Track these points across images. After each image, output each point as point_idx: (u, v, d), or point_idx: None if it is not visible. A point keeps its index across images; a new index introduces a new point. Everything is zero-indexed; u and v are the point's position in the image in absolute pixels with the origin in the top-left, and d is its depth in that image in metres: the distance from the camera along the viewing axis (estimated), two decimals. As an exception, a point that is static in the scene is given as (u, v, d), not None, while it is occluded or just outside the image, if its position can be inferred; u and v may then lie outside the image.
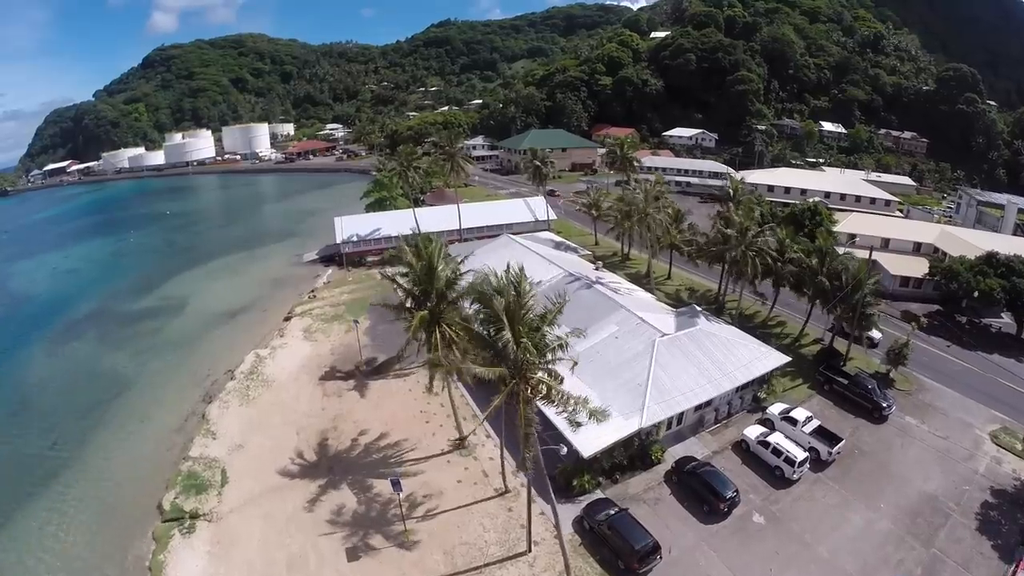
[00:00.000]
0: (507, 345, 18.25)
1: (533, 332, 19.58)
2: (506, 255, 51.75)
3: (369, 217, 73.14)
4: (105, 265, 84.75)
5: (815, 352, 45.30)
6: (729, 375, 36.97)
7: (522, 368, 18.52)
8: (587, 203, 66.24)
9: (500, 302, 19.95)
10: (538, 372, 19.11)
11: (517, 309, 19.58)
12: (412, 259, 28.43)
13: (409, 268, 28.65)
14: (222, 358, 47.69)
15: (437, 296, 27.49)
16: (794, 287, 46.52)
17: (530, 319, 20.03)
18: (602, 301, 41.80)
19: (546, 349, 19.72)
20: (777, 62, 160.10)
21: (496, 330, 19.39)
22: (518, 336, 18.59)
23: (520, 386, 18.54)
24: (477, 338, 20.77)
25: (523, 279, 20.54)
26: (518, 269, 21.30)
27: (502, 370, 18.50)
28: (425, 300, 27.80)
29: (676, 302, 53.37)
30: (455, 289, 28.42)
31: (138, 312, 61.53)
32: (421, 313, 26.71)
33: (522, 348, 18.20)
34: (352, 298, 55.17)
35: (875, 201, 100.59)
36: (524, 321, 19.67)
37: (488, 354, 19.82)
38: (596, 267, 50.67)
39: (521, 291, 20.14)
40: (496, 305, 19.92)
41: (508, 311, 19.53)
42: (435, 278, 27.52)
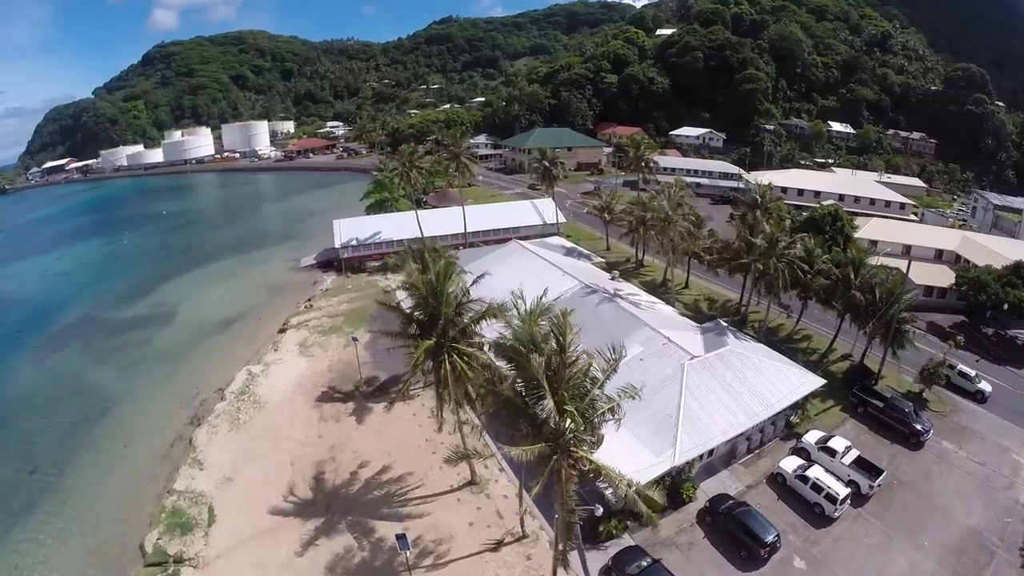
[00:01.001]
0: (549, 416, 14.38)
1: (580, 399, 15.57)
2: (516, 264, 48.23)
3: (369, 220, 69.43)
4: (97, 268, 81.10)
5: (844, 369, 42.08)
6: (764, 402, 33.58)
7: (566, 443, 14.71)
8: (599, 206, 62.54)
9: (539, 361, 15.89)
10: (584, 445, 15.20)
11: (561, 369, 15.63)
12: (417, 279, 24.62)
13: (413, 289, 24.88)
14: (212, 374, 44.17)
15: (445, 322, 23.80)
16: (823, 300, 43.14)
17: (577, 381, 15.99)
18: (624, 318, 38.24)
19: (595, 416, 15.89)
20: (785, 60, 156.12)
21: (533, 395, 15.40)
22: (562, 403, 14.78)
23: (562, 463, 14.76)
24: (510, 406, 16.62)
25: (567, 328, 16.64)
26: (560, 315, 17.27)
27: (541, 447, 14.63)
28: (431, 327, 24.08)
29: (696, 313, 50.16)
30: (466, 313, 24.72)
31: (127, 320, 57.94)
32: (427, 343, 22.99)
33: (566, 418, 14.45)
34: (351, 308, 51.55)
35: (889, 204, 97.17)
36: (569, 385, 15.78)
37: (522, 423, 15.96)
38: (612, 277, 47.15)
39: (565, 344, 16.25)
40: (534, 366, 15.91)
41: (550, 373, 15.64)
42: (444, 302, 23.78)
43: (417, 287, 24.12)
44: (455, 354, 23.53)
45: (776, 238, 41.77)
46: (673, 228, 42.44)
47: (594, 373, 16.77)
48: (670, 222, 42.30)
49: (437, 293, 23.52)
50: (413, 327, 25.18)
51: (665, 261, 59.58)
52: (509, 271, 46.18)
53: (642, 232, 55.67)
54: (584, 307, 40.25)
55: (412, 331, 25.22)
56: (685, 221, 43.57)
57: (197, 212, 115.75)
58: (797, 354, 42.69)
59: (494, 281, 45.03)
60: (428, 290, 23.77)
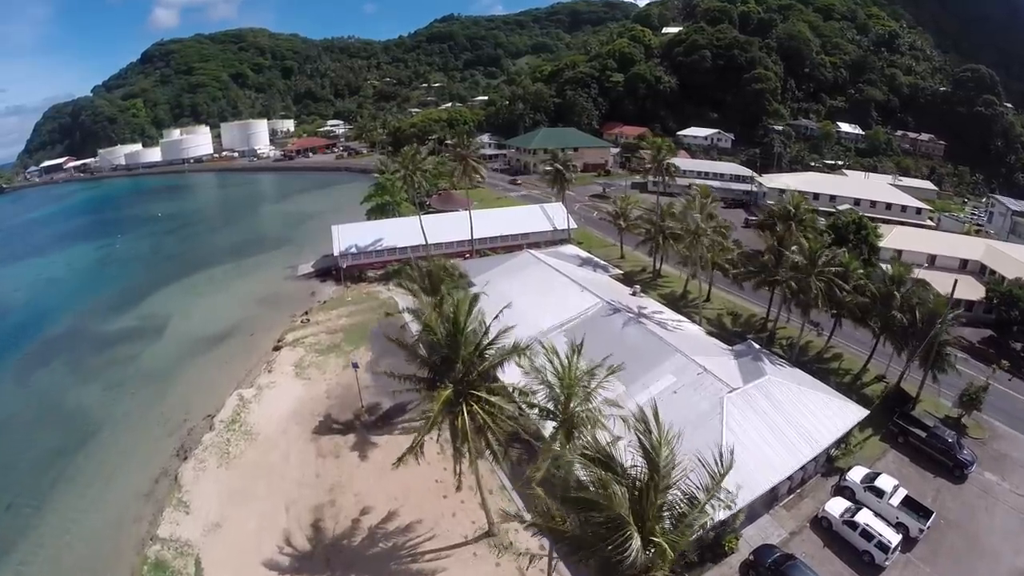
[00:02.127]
0: (632, 555, 10.31)
1: (675, 526, 11.79)
2: (530, 277, 44.41)
3: (370, 226, 65.45)
4: (88, 274, 77.18)
5: (880, 393, 38.62)
6: (808, 439, 30.04)
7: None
8: (613, 212, 58.70)
9: (621, 493, 11.51)
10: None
11: (652, 493, 11.55)
12: (431, 317, 20.66)
13: (427, 330, 20.96)
14: (201, 398, 40.42)
15: (464, 365, 19.98)
16: (858, 319, 39.51)
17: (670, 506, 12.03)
18: (653, 343, 34.50)
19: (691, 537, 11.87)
20: (793, 60, 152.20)
21: (608, 525, 11.00)
22: (650, 535, 10.75)
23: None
24: (576, 540, 12.16)
25: (663, 437, 12.24)
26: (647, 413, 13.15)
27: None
28: (447, 370, 20.24)
29: (719, 330, 46.66)
30: (487, 354, 20.89)
31: (115, 334, 54.08)
32: (444, 394, 19.11)
33: (656, 553, 10.52)
34: (351, 323, 47.67)
35: (905, 209, 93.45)
36: (661, 512, 11.84)
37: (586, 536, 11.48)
38: (634, 292, 43.34)
39: (660, 463, 11.57)
40: (616, 502, 11.35)
41: (636, 502, 11.60)
42: (463, 343, 19.92)
43: (431, 328, 20.21)
44: (474, 402, 19.73)
45: (816, 254, 38.08)
46: (702, 242, 38.67)
47: (693, 489, 12.70)
48: (700, 235, 38.51)
49: (455, 334, 19.66)
50: (425, 371, 21.27)
51: (685, 272, 56.06)
52: (522, 285, 42.50)
53: (661, 241, 52.00)
54: (607, 329, 36.61)
55: (424, 375, 21.32)
56: (716, 234, 39.76)
57: (193, 214, 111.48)
58: (829, 376, 39.33)
59: (507, 296, 41.39)
60: (444, 331, 19.90)
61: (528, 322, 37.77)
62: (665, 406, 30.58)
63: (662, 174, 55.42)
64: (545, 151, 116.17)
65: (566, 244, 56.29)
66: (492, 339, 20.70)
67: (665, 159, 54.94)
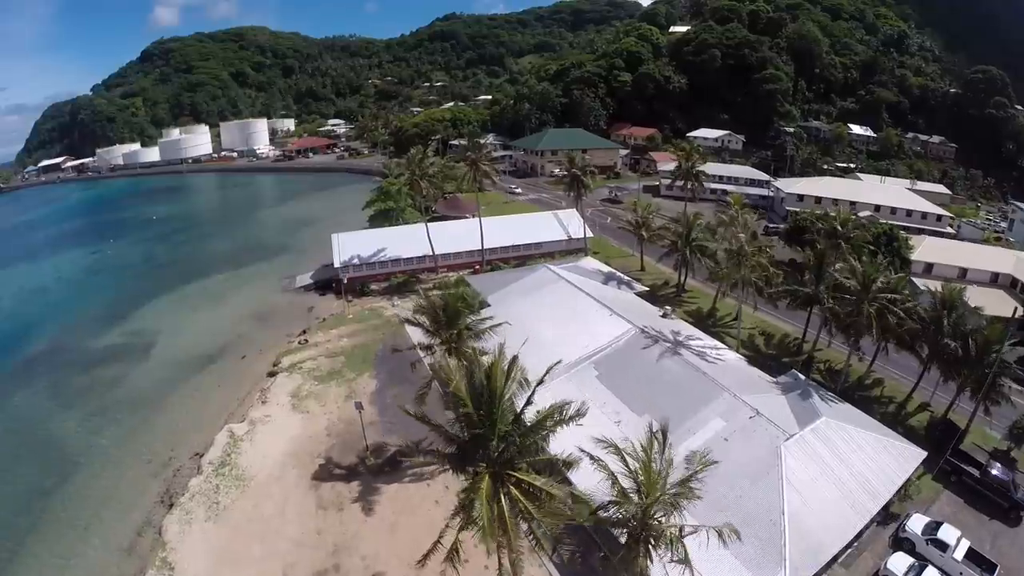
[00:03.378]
0: None
1: None
2: (551, 297, 39.94)
3: (373, 234, 60.91)
4: (76, 284, 72.69)
5: (925, 424, 35.60)
6: (871, 490, 26.48)
7: None
8: (633, 221, 54.35)
9: None
10: None
11: None
12: (458, 384, 16.07)
13: (454, 399, 16.45)
14: (189, 431, 36.20)
15: (500, 441, 15.60)
16: (907, 346, 35.99)
17: None
18: (697, 380, 30.23)
19: None
20: (803, 60, 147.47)
21: None
22: None
23: None
24: None
25: None
26: None
27: None
28: (482, 450, 15.79)
29: (752, 352, 42.63)
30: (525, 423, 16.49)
31: (99, 353, 49.68)
32: (484, 485, 14.52)
33: None
34: (353, 344, 43.22)
35: (926, 216, 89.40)
36: None
37: None
38: (664, 314, 39.02)
39: None
40: None
41: None
42: (498, 416, 15.51)
43: (461, 398, 15.80)
44: (513, 484, 15.40)
45: (871, 278, 33.96)
46: (747, 264, 34.42)
47: None
48: (744, 256, 34.25)
49: (491, 406, 15.32)
50: (452, 447, 16.83)
51: (712, 287, 51.82)
52: (543, 307, 38.16)
53: (688, 255, 47.76)
54: (643, 361, 32.34)
55: (447, 446, 16.93)
56: (759, 254, 35.51)
57: (188, 218, 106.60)
58: (872, 404, 36.27)
59: (526, 320, 37.08)
60: (476, 403, 15.54)
61: (552, 351, 33.32)
62: (716, 456, 26.67)
63: (691, 180, 50.27)
64: (553, 152, 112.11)
65: (585, 257, 51.74)
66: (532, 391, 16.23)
67: (695, 166, 50.24)
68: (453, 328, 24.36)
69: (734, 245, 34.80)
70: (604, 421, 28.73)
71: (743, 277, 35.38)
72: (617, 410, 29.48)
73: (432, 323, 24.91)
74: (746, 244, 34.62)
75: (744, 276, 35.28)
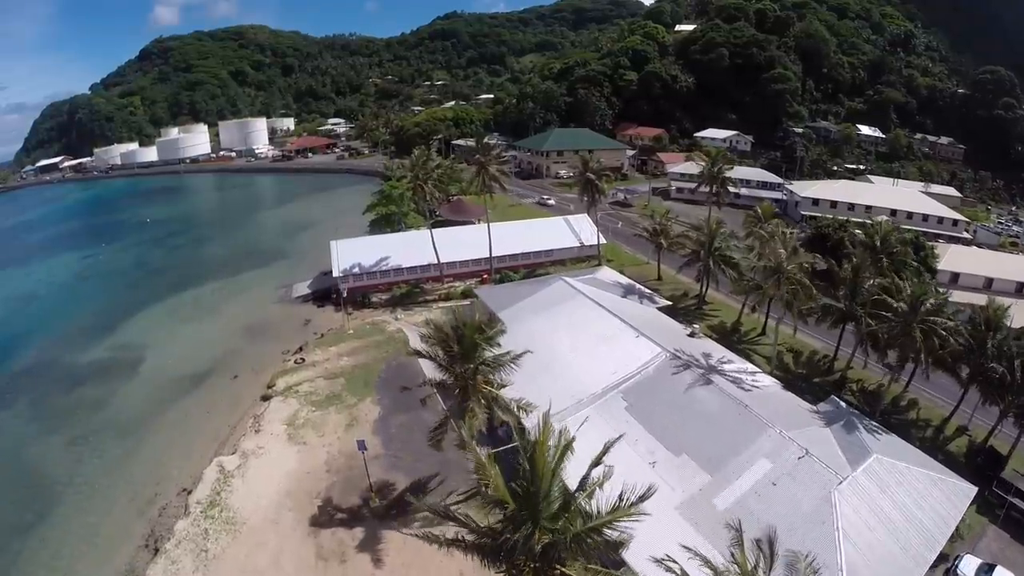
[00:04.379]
0: None
1: None
2: (570, 315, 36.45)
3: (373, 241, 57.33)
4: (65, 291, 69.08)
5: (965, 450, 33.13)
6: (927, 536, 23.54)
7: None
8: (651, 228, 50.97)
9: None
10: None
11: None
12: (497, 483, 12.39)
13: (488, 499, 12.72)
14: (175, 463, 32.85)
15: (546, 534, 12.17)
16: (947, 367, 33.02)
17: None
18: (737, 413, 26.89)
19: None
20: (811, 59, 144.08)
21: None
22: None
23: None
24: None
25: None
26: None
27: None
28: (522, 541, 12.31)
29: (783, 372, 39.62)
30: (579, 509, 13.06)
31: (85, 369, 46.21)
32: None
33: None
34: (354, 363, 39.75)
35: (942, 220, 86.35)
36: None
37: None
38: (691, 332, 35.66)
39: None
40: None
41: None
42: (545, 506, 12.08)
43: (501, 496, 12.17)
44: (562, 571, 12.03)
45: (920, 300, 30.74)
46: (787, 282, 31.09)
47: None
48: (784, 274, 30.92)
49: (535, 496, 11.92)
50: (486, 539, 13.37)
51: (735, 299, 48.51)
52: (562, 327, 34.74)
53: (711, 266, 44.42)
54: (675, 391, 28.98)
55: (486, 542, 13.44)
56: (799, 271, 32.17)
57: (183, 220, 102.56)
58: (909, 429, 33.93)
59: (544, 342, 33.68)
60: (519, 499, 12.12)
61: (574, 378, 30.19)
62: (764, 504, 23.43)
63: (715, 185, 46.45)
64: (559, 153, 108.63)
65: (601, 267, 48.19)
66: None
67: (722, 171, 46.73)
68: (469, 363, 21.00)
69: (774, 262, 31.45)
70: (637, 462, 25.43)
71: (783, 296, 32.01)
72: (651, 449, 26.15)
73: (445, 355, 21.55)
74: (786, 261, 31.27)
75: (784, 295, 31.90)
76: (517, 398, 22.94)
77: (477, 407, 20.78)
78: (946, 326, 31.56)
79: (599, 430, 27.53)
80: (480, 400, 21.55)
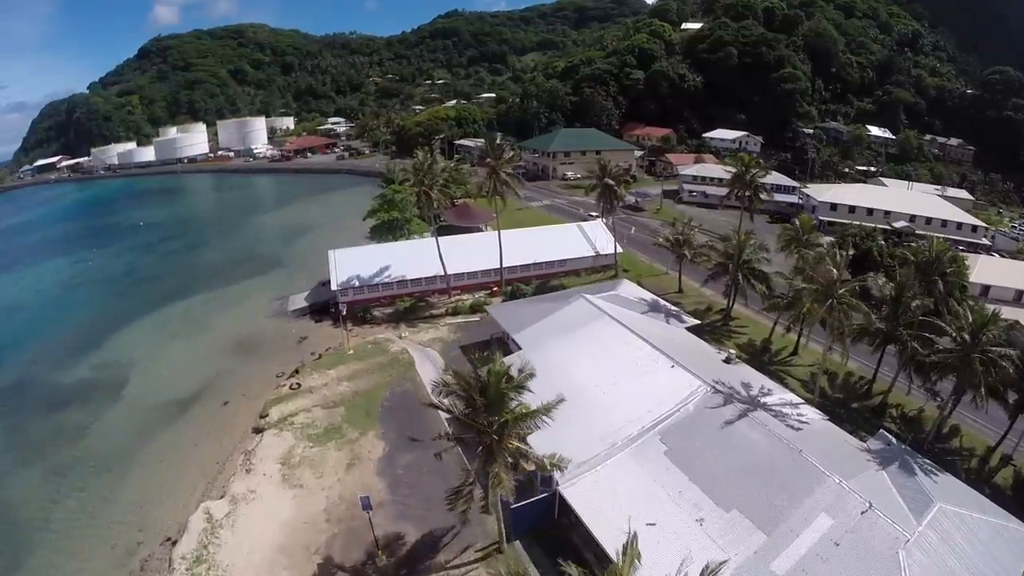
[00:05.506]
0: None
1: None
2: (594, 339, 32.73)
3: (375, 251, 53.54)
4: (52, 301, 65.30)
5: (1011, 482, 30.71)
6: None
7: None
8: (672, 238, 47.39)
9: None
10: None
11: None
12: None
13: None
14: (159, 504, 29.38)
15: None
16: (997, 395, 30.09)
17: None
18: (791, 460, 23.48)
19: None
20: (819, 59, 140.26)
21: None
22: None
23: None
24: None
25: None
26: None
27: None
28: None
29: (820, 397, 36.19)
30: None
31: (67, 390, 42.51)
32: None
33: None
34: (354, 390, 36.04)
35: (961, 226, 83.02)
36: None
37: None
38: (728, 358, 32.13)
39: None
40: None
41: None
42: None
43: None
44: None
45: (982, 329, 27.35)
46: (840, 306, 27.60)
47: None
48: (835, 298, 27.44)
49: None
50: None
51: (763, 314, 45.04)
52: (587, 354, 31.14)
53: (741, 280, 40.91)
54: (719, 431, 25.54)
55: None
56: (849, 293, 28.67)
57: (177, 224, 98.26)
58: (952, 459, 31.45)
59: (567, 373, 30.09)
60: None
61: (604, 417, 26.62)
62: (827, 568, 20.07)
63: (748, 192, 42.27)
64: (566, 154, 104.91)
65: (622, 281, 44.38)
66: None
67: (756, 179, 42.83)
68: (495, 415, 17.47)
69: (824, 284, 27.92)
70: (683, 519, 21.98)
71: (835, 323, 28.48)
72: (696, 502, 22.66)
73: (466, 407, 18.01)
74: (839, 286, 27.79)
75: (836, 321, 28.37)
76: (548, 454, 19.40)
77: (504, 471, 17.30)
78: (1007, 355, 28.35)
79: (637, 478, 24.09)
80: (507, 459, 18.07)
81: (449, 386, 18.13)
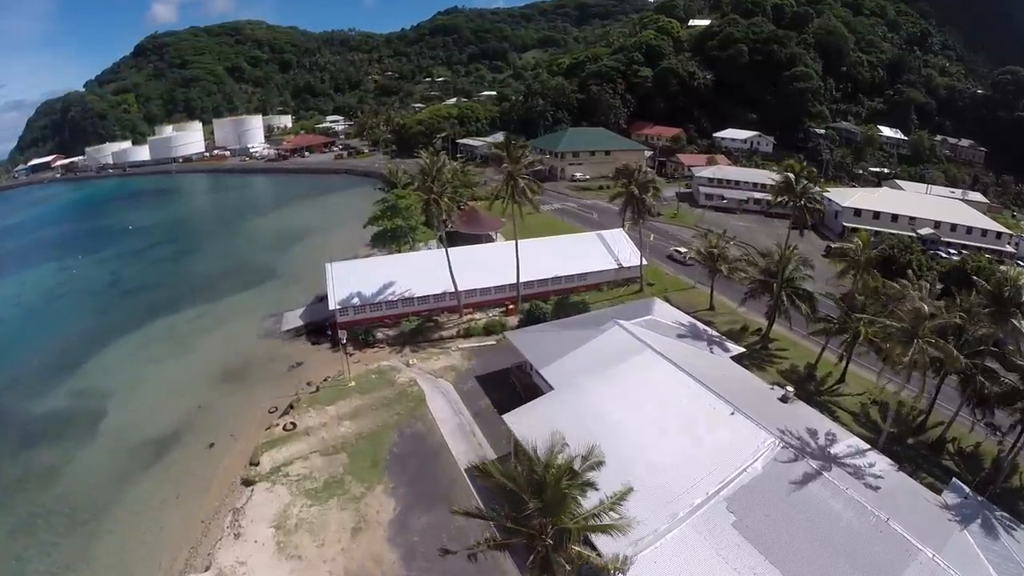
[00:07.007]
0: None
1: None
2: (638, 381, 28.25)
3: (377, 264, 48.80)
4: (32, 313, 60.44)
5: None
6: None
7: None
8: (705, 252, 42.89)
9: None
10: None
11: None
12: None
13: None
14: (137, 569, 24.80)
15: None
16: None
17: None
18: (879, 531, 19.32)
19: None
20: (830, 57, 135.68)
21: None
22: None
23: None
24: None
25: None
26: None
27: None
28: None
29: (872, 432, 32.61)
30: None
31: (38, 423, 37.79)
32: None
33: None
34: (357, 431, 31.39)
35: (986, 233, 79.11)
36: None
37: None
38: (785, 397, 27.74)
39: None
40: None
41: None
42: None
43: None
44: None
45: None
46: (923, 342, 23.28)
47: None
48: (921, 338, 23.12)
49: None
50: None
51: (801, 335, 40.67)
52: (632, 399, 26.55)
53: (784, 300, 36.49)
54: (792, 497, 21.29)
55: None
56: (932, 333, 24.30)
57: (167, 228, 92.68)
58: (1017, 501, 28.03)
59: (614, 422, 25.37)
60: None
61: (659, 481, 22.12)
62: None
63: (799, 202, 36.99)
64: (575, 155, 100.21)
65: (655, 300, 39.61)
66: None
67: (808, 190, 37.90)
68: (551, 516, 13.04)
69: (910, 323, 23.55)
70: (766, 619, 17.64)
71: (918, 363, 24.12)
72: (778, 592, 18.33)
73: (515, 510, 13.55)
74: (928, 322, 23.45)
75: (919, 361, 24.00)
76: (612, 556, 14.97)
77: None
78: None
79: (704, 557, 19.69)
80: (565, 568, 13.69)
81: (491, 477, 13.68)
